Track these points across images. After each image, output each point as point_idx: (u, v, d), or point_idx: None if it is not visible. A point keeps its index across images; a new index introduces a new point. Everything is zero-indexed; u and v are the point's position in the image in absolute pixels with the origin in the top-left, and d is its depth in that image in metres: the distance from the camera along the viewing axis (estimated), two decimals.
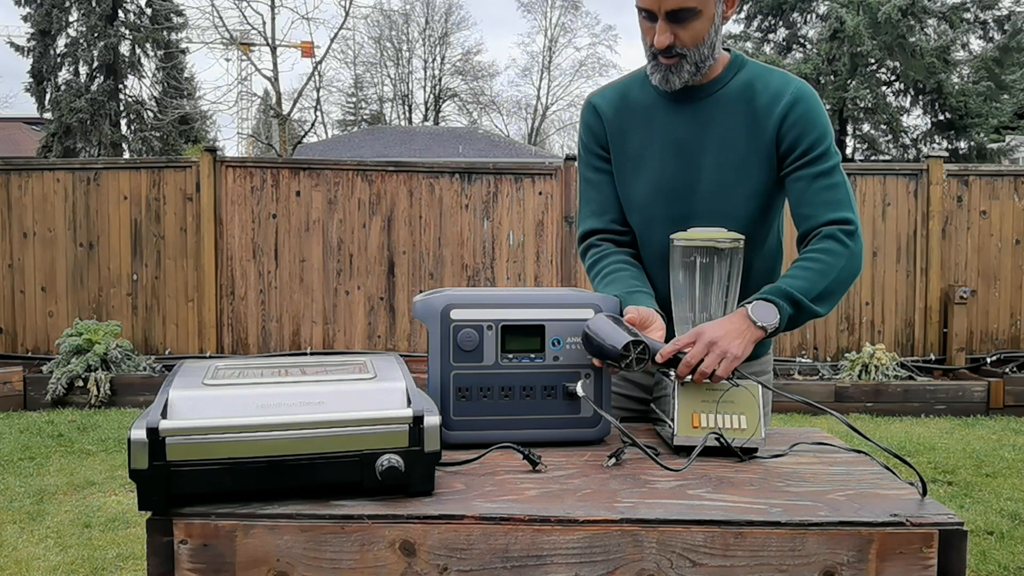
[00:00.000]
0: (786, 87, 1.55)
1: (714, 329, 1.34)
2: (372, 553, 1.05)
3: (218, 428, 1.05)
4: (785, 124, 1.53)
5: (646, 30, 1.52)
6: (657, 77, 1.55)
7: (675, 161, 1.58)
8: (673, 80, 1.53)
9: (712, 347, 1.31)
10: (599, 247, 1.67)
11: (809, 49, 16.64)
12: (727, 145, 1.55)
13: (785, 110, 1.53)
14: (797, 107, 1.53)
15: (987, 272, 6.71)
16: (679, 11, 1.45)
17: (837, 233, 1.47)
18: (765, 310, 1.38)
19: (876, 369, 6.13)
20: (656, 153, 1.60)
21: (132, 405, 5.99)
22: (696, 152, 1.57)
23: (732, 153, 1.55)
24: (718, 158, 1.56)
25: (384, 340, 6.83)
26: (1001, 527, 3.54)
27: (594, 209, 1.69)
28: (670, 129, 1.59)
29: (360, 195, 6.80)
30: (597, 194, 1.68)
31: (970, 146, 15.37)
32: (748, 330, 1.36)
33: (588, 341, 1.34)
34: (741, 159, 1.55)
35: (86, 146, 20.89)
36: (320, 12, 61.66)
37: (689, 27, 1.47)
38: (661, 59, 1.52)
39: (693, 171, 1.57)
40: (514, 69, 63.74)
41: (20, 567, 3.14)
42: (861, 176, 6.74)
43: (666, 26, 1.47)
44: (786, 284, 1.42)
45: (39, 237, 6.76)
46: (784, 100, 1.53)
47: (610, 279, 1.59)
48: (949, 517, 1.07)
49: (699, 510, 1.09)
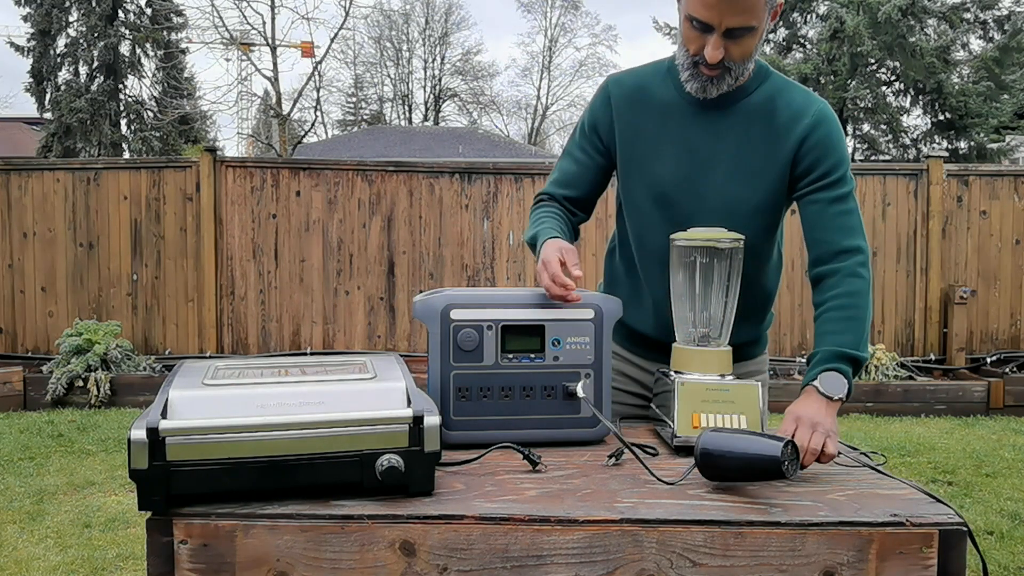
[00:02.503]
0: (808, 107, 1.53)
1: (807, 412, 1.31)
2: (372, 553, 1.05)
3: (218, 428, 1.05)
4: (805, 145, 1.51)
5: (691, 38, 1.46)
6: (694, 85, 1.50)
7: (686, 166, 1.55)
8: (711, 91, 1.50)
9: (816, 428, 1.29)
10: (549, 204, 1.69)
11: (809, 49, 16.64)
12: (741, 157, 1.53)
13: (806, 131, 1.51)
14: (819, 130, 1.51)
15: (987, 272, 6.70)
16: (738, 28, 1.41)
17: (858, 270, 1.46)
18: (833, 382, 1.36)
19: (876, 369, 6.13)
20: (667, 155, 1.56)
21: (132, 405, 5.99)
22: (709, 160, 1.54)
23: (745, 166, 1.53)
24: (730, 168, 1.54)
25: (384, 340, 6.83)
26: (1001, 527, 3.54)
27: (564, 180, 1.69)
28: (685, 132, 1.55)
29: (360, 195, 6.80)
30: (574, 169, 1.69)
31: (970, 146, 15.36)
32: (829, 405, 1.33)
33: (720, 461, 1.17)
34: (753, 173, 1.53)
35: (86, 146, 20.88)
36: (320, 12, 61.63)
37: (742, 43, 1.44)
38: (704, 69, 1.47)
39: (703, 179, 1.55)
40: (514, 69, 63.65)
41: (20, 567, 3.14)
42: (861, 176, 6.73)
43: (720, 41, 1.42)
44: (837, 344, 1.40)
45: (39, 237, 6.76)
46: (806, 121, 1.52)
47: (537, 220, 1.64)
48: (949, 517, 1.07)
49: (699, 510, 1.09)
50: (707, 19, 1.41)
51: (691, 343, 1.44)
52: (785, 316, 6.72)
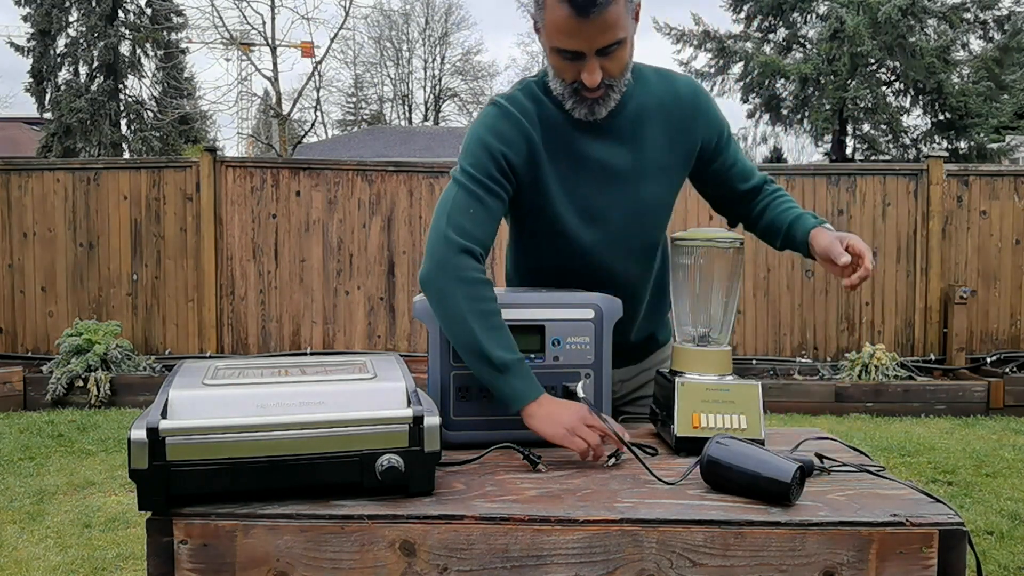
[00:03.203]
0: (689, 88, 1.55)
1: (842, 233, 1.44)
2: (372, 553, 1.05)
3: (218, 428, 1.05)
4: (705, 124, 1.55)
5: (564, 68, 1.40)
6: (582, 111, 1.44)
7: (608, 187, 1.50)
8: (600, 111, 1.44)
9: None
10: (487, 287, 1.37)
11: (809, 49, 16.64)
12: (654, 159, 1.52)
13: (702, 112, 1.55)
14: (707, 104, 1.57)
15: (987, 272, 6.70)
16: (608, 46, 1.36)
17: (775, 189, 1.64)
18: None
19: (876, 369, 6.12)
20: (585, 178, 1.49)
21: (132, 405, 5.99)
22: (628, 173, 1.51)
23: (660, 165, 1.53)
24: (650, 173, 1.52)
25: (384, 340, 6.83)
26: (1001, 527, 3.54)
27: (484, 232, 1.41)
28: (594, 151, 1.49)
29: (360, 195, 6.80)
30: (486, 216, 1.42)
31: (970, 146, 15.37)
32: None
33: (727, 472, 1.15)
34: (662, 169, 1.54)
35: (86, 146, 20.89)
36: (320, 12, 61.63)
37: (615, 57, 1.38)
38: (586, 93, 1.41)
39: (628, 192, 1.52)
40: (514, 69, 63.53)
41: (20, 567, 3.14)
42: (861, 176, 6.74)
43: (595, 64, 1.37)
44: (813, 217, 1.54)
45: (39, 237, 6.76)
46: (697, 102, 1.55)
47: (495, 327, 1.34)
48: (949, 517, 1.07)
49: (699, 510, 1.09)
50: (575, 47, 1.36)
51: (691, 343, 1.44)
52: (785, 316, 6.73)
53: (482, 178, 1.42)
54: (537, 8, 1.40)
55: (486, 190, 1.42)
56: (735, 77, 17.05)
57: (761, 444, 1.29)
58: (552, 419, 1.28)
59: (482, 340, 1.30)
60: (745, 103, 17.37)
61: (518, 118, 1.46)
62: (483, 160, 1.43)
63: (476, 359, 1.32)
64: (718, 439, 1.17)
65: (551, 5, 1.35)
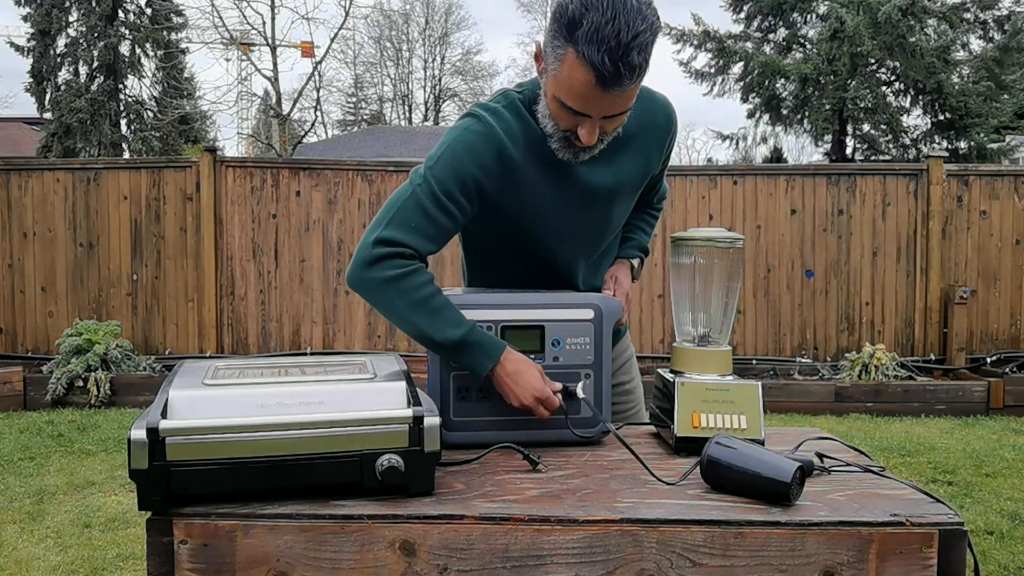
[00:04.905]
0: (665, 115, 1.55)
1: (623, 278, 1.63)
2: (372, 553, 1.05)
3: (218, 428, 1.05)
4: (668, 149, 1.61)
5: (563, 117, 1.35)
6: (566, 154, 1.40)
7: (586, 208, 1.50)
8: (582, 156, 1.41)
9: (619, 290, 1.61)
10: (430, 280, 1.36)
11: (809, 49, 16.63)
12: (628, 180, 1.53)
13: (671, 139, 1.59)
14: (675, 131, 1.59)
15: (987, 272, 6.70)
16: (615, 114, 1.33)
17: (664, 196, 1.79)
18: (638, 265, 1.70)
19: (876, 369, 6.12)
20: (567, 199, 1.47)
21: (132, 405, 5.99)
22: (605, 194, 1.50)
23: (632, 185, 1.56)
24: (623, 193, 1.54)
25: (384, 340, 6.83)
26: (1001, 527, 3.54)
27: (420, 243, 1.36)
28: (578, 173, 1.46)
29: (360, 195, 6.80)
30: (435, 232, 1.37)
31: (970, 146, 15.36)
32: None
33: (727, 472, 1.15)
34: (636, 188, 1.58)
35: (86, 146, 20.88)
36: (320, 12, 61.64)
37: (616, 120, 1.36)
38: (576, 143, 1.37)
39: (602, 213, 1.53)
40: (514, 69, 63.52)
41: (20, 567, 3.14)
42: (861, 176, 6.74)
43: (595, 126, 1.34)
44: (643, 240, 1.73)
45: (39, 237, 6.76)
46: (669, 129, 1.57)
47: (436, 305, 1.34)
48: (949, 517, 1.07)
49: (699, 510, 1.09)
50: (583, 110, 1.31)
51: (691, 343, 1.44)
52: (785, 316, 6.72)
53: (439, 194, 1.36)
54: (553, 55, 1.29)
55: (439, 207, 1.36)
56: (735, 77, 17.03)
57: (761, 444, 1.29)
58: (520, 385, 1.34)
59: (426, 329, 1.33)
60: (745, 103, 17.35)
61: (500, 138, 1.40)
62: (448, 176, 1.37)
63: (430, 346, 1.36)
64: (718, 439, 1.17)
65: (572, 63, 1.26)
